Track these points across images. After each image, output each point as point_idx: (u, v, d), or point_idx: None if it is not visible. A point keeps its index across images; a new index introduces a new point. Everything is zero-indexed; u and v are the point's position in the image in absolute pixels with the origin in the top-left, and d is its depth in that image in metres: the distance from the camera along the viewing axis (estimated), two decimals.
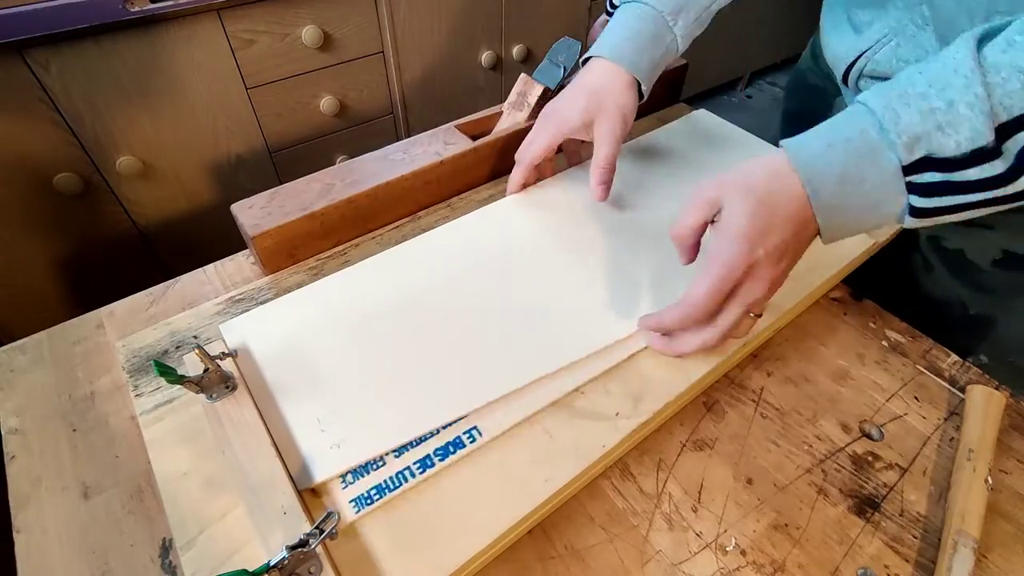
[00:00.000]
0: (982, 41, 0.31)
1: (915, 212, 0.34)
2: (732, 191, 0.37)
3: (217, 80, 0.96)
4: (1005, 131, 0.29)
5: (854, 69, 0.51)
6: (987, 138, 0.30)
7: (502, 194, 0.56)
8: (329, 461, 0.35)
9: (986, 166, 0.30)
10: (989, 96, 0.29)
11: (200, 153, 1.01)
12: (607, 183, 0.50)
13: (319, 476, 0.35)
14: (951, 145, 0.31)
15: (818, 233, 0.37)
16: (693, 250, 0.41)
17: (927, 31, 0.45)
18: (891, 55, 0.48)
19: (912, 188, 0.33)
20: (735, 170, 0.38)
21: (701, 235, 0.40)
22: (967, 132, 0.30)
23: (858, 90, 0.53)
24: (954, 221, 0.34)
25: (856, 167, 0.34)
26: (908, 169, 0.33)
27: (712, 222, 0.38)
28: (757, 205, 0.36)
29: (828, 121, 0.37)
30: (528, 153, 0.53)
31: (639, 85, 0.51)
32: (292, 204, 0.50)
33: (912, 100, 0.32)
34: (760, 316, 0.41)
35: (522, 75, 0.61)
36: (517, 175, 0.55)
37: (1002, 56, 0.29)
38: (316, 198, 0.51)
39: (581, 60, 0.54)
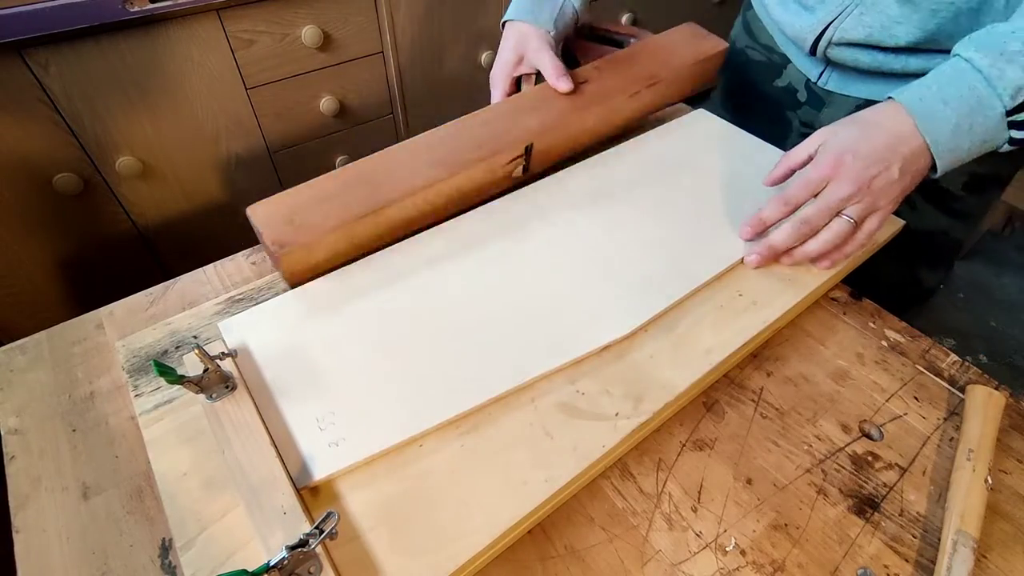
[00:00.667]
0: None
1: (1014, 141, 0.41)
2: (839, 127, 0.44)
3: (217, 80, 0.96)
4: None
5: (822, 40, 0.55)
6: None
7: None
8: (328, 459, 0.35)
9: None
10: None
11: (200, 153, 1.01)
12: (565, 75, 0.57)
13: (318, 474, 0.35)
14: None
15: (932, 167, 0.43)
16: (783, 177, 0.48)
17: None
18: (857, 23, 0.52)
19: (1012, 125, 0.40)
20: (845, 117, 0.45)
21: (805, 163, 0.46)
22: None
23: (826, 58, 0.57)
24: None
25: (969, 117, 0.40)
26: (1011, 111, 0.40)
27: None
28: (853, 126, 0.43)
29: (934, 77, 0.42)
30: (496, 74, 0.62)
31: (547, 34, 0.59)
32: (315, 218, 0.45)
33: (1013, 57, 0.39)
34: (861, 225, 0.44)
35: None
36: (495, 94, 0.63)
37: None
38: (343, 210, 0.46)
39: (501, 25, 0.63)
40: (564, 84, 0.57)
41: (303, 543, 0.29)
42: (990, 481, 0.38)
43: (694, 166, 0.58)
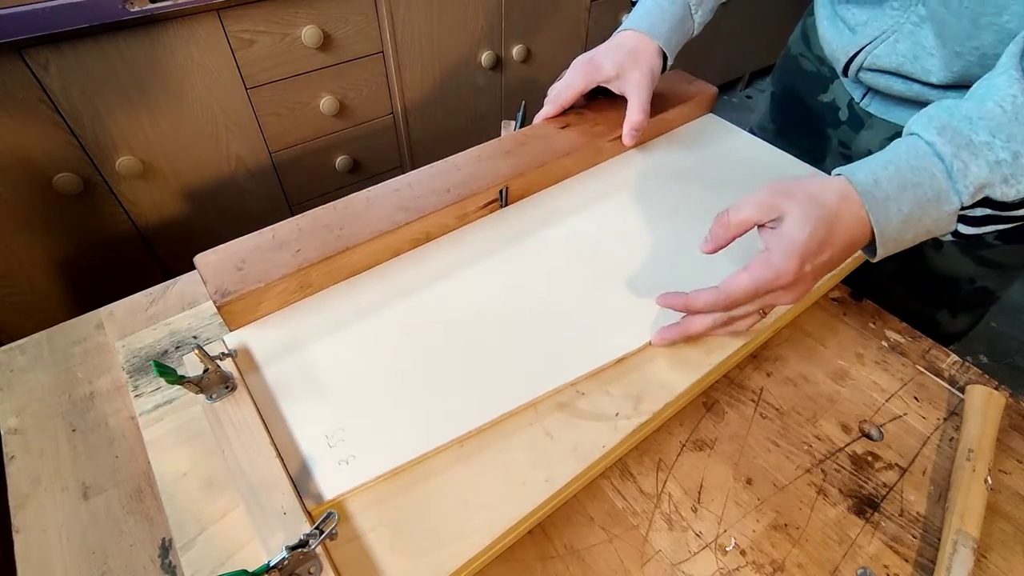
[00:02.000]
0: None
1: (957, 235, 0.38)
2: (799, 204, 0.37)
3: (217, 80, 0.96)
4: None
5: (854, 63, 0.54)
6: None
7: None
8: (339, 478, 0.35)
9: None
10: None
11: (200, 153, 1.01)
12: (639, 129, 0.56)
13: (330, 494, 0.34)
14: (1012, 193, 0.34)
15: (865, 254, 0.41)
16: (726, 242, 0.40)
17: (924, 28, 0.47)
18: (890, 50, 0.50)
19: (963, 219, 0.37)
20: (801, 183, 0.39)
21: (745, 232, 0.40)
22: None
23: (858, 81, 0.56)
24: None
25: (921, 208, 0.37)
26: (965, 207, 0.36)
27: (763, 226, 0.39)
28: (819, 224, 0.36)
29: (893, 157, 0.38)
30: (561, 95, 0.58)
31: (664, 59, 0.57)
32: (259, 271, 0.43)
33: (979, 151, 0.35)
34: (766, 316, 0.41)
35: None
36: (548, 111, 0.59)
37: None
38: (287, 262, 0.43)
39: (615, 32, 0.59)
40: (631, 139, 0.56)
41: (303, 543, 0.29)
42: (990, 481, 0.38)
43: (703, 172, 0.58)
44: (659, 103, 0.61)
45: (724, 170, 0.58)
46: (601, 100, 0.61)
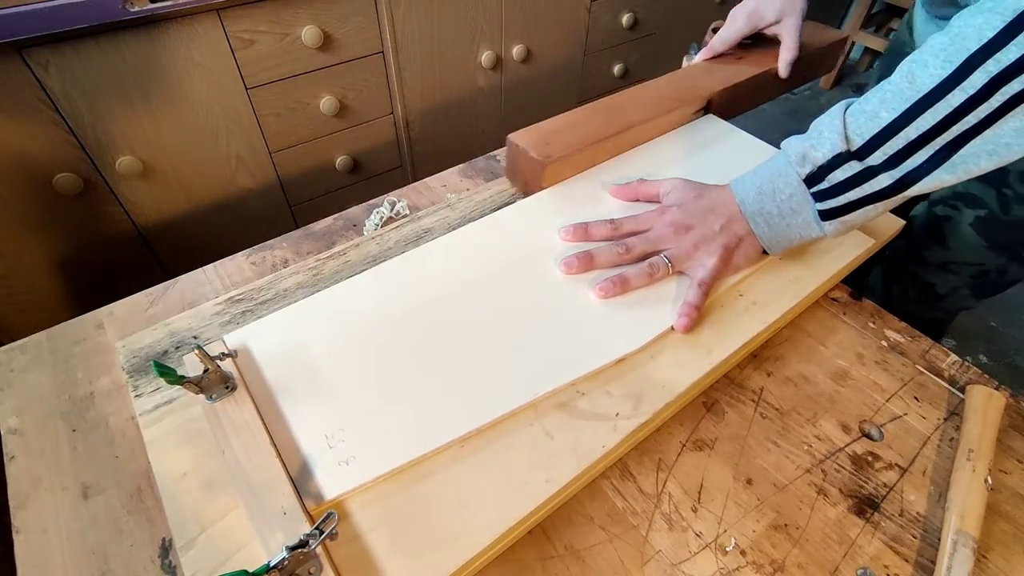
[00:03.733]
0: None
1: (824, 215, 0.44)
2: (685, 183, 0.52)
3: (217, 80, 0.96)
4: (865, 151, 0.40)
5: None
6: (841, 147, 0.41)
7: (501, 195, 0.56)
8: (340, 478, 0.35)
9: (846, 166, 0.41)
10: (845, 128, 0.41)
11: (200, 153, 1.01)
12: (793, 62, 0.66)
13: (330, 494, 0.34)
14: (820, 156, 0.42)
15: (762, 248, 0.48)
16: (627, 196, 0.55)
17: None
18: None
19: (814, 196, 0.43)
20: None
21: (642, 199, 0.54)
22: (828, 146, 0.42)
23: None
24: (870, 219, 0.43)
25: (770, 182, 0.46)
26: (807, 182, 0.43)
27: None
28: (692, 188, 0.51)
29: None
30: (728, 38, 0.68)
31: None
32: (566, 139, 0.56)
33: (804, 137, 0.44)
34: (675, 269, 0.48)
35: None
36: (717, 46, 0.69)
37: (856, 105, 0.42)
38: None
39: None
40: (785, 69, 0.66)
41: (303, 544, 0.29)
42: (990, 481, 0.38)
43: (703, 172, 0.58)
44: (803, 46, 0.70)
45: (724, 170, 0.58)
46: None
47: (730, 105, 0.68)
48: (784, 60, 0.66)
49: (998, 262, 0.67)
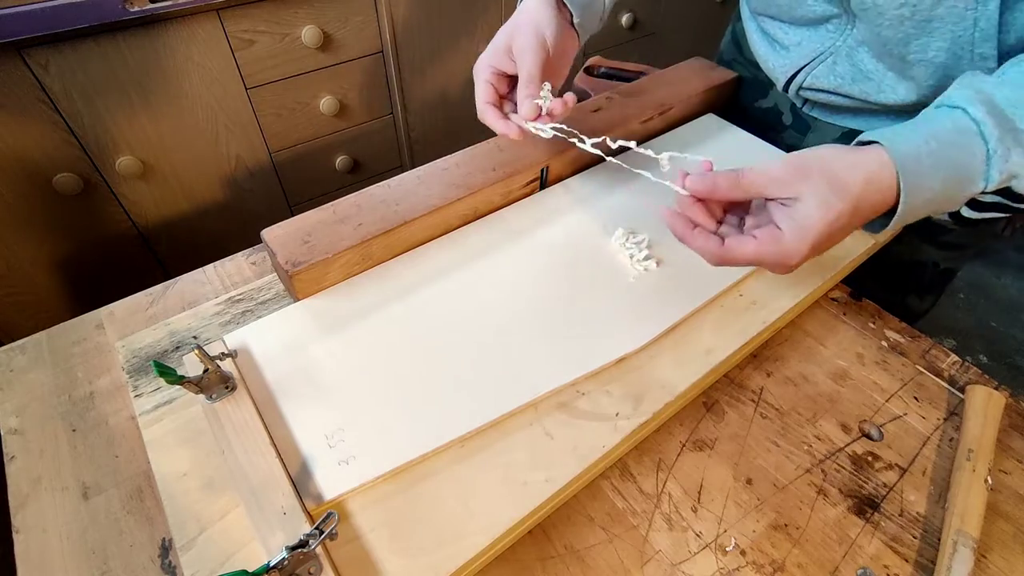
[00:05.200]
0: None
1: (956, 217, 0.36)
2: (817, 190, 0.34)
3: (217, 80, 0.96)
4: None
5: (793, 83, 0.54)
6: None
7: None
8: (340, 478, 0.35)
9: None
10: None
11: (200, 153, 1.01)
12: (533, 96, 0.44)
13: (330, 494, 0.34)
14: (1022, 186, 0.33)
15: (866, 231, 0.38)
16: (722, 197, 0.38)
17: (862, 50, 0.47)
18: (829, 72, 0.50)
19: (971, 203, 0.35)
20: (825, 160, 0.35)
21: (748, 199, 0.38)
22: None
23: (799, 98, 0.56)
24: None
25: (949, 190, 0.35)
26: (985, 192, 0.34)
27: (773, 199, 0.36)
28: (837, 216, 0.34)
29: (936, 131, 0.35)
30: (483, 97, 0.48)
31: (571, 16, 0.48)
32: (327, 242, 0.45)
33: (1022, 139, 0.33)
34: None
35: None
36: (523, 107, 0.46)
37: None
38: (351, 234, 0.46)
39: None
40: (530, 112, 0.44)
41: (303, 544, 0.29)
42: (990, 481, 0.38)
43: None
44: (683, 89, 0.63)
45: (724, 168, 0.58)
46: (622, 90, 0.63)
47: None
48: (520, 107, 0.45)
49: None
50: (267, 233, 0.46)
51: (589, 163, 0.58)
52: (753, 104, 0.65)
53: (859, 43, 0.47)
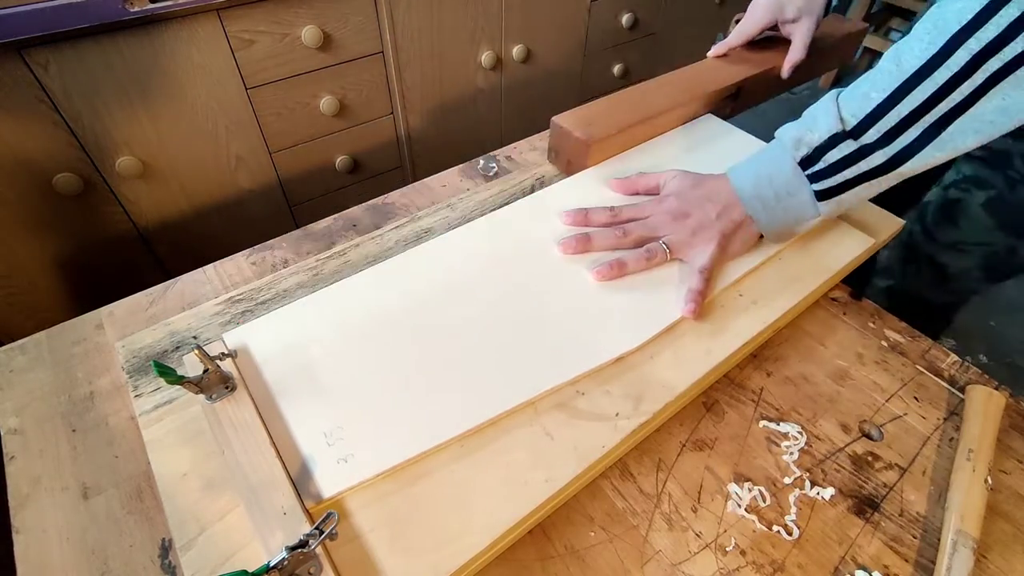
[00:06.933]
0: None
1: (819, 195, 0.45)
2: (682, 173, 0.53)
3: (217, 80, 0.96)
4: (859, 130, 0.42)
5: None
6: (836, 127, 0.42)
7: (501, 195, 0.56)
8: (338, 476, 0.35)
9: (841, 146, 0.43)
10: (839, 110, 0.43)
11: (200, 153, 1.01)
12: (798, 63, 0.67)
13: (328, 492, 0.34)
14: (815, 138, 0.44)
15: (759, 232, 0.49)
16: (625, 190, 0.56)
17: None
18: None
19: (809, 178, 0.45)
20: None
21: (639, 192, 0.56)
22: (823, 128, 0.43)
23: None
24: (863, 199, 0.45)
25: (766, 168, 0.48)
26: (802, 165, 0.45)
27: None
28: (689, 177, 0.52)
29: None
30: (747, 30, 0.69)
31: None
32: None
33: (797, 123, 0.46)
34: (674, 255, 0.49)
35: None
36: (732, 40, 0.70)
37: (847, 91, 0.44)
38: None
39: None
40: (788, 69, 0.68)
41: (303, 544, 0.29)
42: (990, 481, 0.38)
43: (702, 171, 0.58)
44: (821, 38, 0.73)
45: (723, 170, 0.58)
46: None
47: (751, 96, 0.70)
48: (790, 61, 0.67)
49: (1007, 242, 0.69)
50: (559, 119, 0.60)
51: (772, 83, 0.72)
52: None
53: None
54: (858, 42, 0.80)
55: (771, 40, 0.72)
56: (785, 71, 0.68)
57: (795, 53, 0.67)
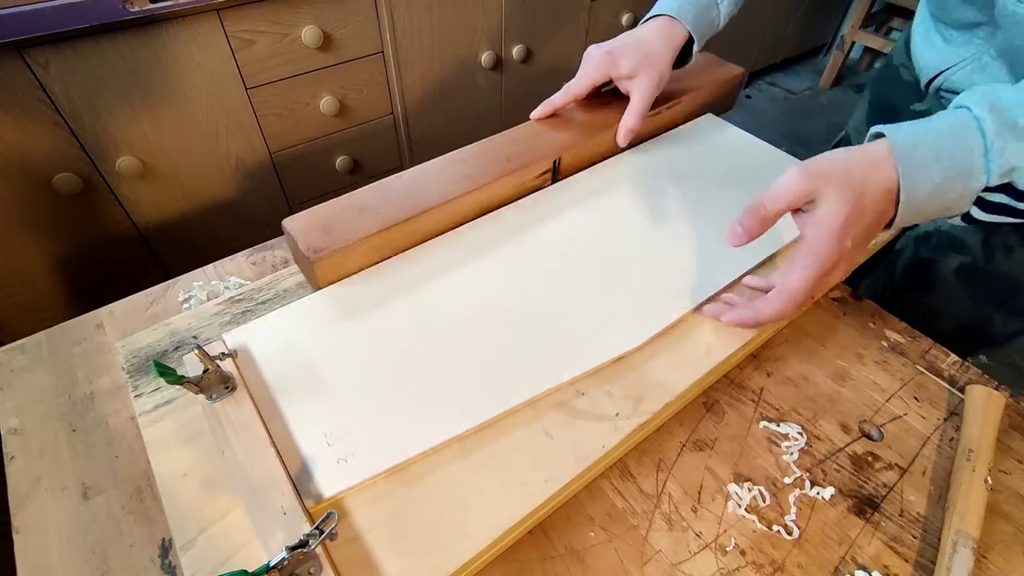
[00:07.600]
0: None
1: (967, 218, 0.38)
2: (833, 187, 0.36)
3: (217, 80, 0.96)
4: None
5: (935, 82, 0.55)
6: None
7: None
8: (338, 476, 0.35)
9: None
10: None
11: (200, 153, 1.01)
12: (634, 131, 0.57)
13: (328, 492, 0.34)
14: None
15: (890, 222, 0.39)
16: (761, 232, 0.39)
17: (1000, 62, 0.49)
18: (966, 78, 0.52)
19: (978, 202, 0.36)
20: (834, 159, 0.38)
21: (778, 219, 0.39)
22: None
23: (938, 99, 0.57)
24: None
25: (950, 183, 0.36)
26: (987, 189, 0.35)
27: (800, 210, 0.39)
28: (854, 200, 0.36)
29: (936, 125, 0.37)
30: (575, 87, 0.58)
31: (691, 45, 0.58)
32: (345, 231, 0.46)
33: (1021, 134, 0.34)
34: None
35: None
36: (557, 100, 0.58)
37: None
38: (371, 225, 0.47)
39: (643, 20, 0.60)
40: (624, 138, 0.57)
41: (303, 544, 0.29)
42: (990, 481, 0.38)
43: (702, 171, 0.58)
44: (688, 81, 0.64)
45: (723, 169, 0.58)
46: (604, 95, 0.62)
47: (580, 167, 0.58)
48: (623, 127, 0.57)
49: (982, 312, 0.60)
50: (288, 222, 0.47)
51: (599, 157, 0.59)
52: (909, 107, 0.65)
53: (998, 54, 0.48)
54: (737, 87, 0.69)
55: (613, 95, 0.61)
56: (620, 139, 0.58)
57: (629, 118, 0.56)
